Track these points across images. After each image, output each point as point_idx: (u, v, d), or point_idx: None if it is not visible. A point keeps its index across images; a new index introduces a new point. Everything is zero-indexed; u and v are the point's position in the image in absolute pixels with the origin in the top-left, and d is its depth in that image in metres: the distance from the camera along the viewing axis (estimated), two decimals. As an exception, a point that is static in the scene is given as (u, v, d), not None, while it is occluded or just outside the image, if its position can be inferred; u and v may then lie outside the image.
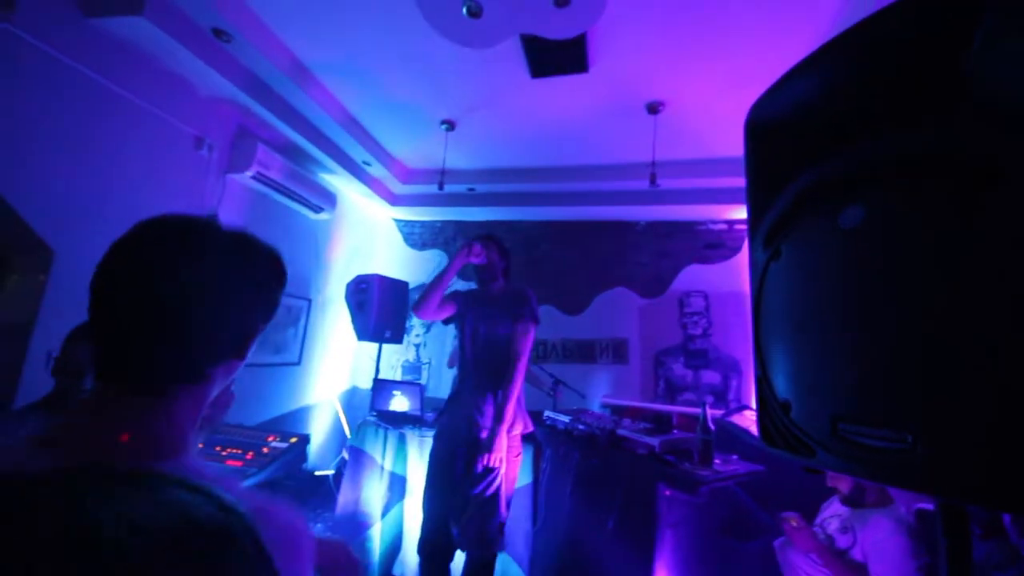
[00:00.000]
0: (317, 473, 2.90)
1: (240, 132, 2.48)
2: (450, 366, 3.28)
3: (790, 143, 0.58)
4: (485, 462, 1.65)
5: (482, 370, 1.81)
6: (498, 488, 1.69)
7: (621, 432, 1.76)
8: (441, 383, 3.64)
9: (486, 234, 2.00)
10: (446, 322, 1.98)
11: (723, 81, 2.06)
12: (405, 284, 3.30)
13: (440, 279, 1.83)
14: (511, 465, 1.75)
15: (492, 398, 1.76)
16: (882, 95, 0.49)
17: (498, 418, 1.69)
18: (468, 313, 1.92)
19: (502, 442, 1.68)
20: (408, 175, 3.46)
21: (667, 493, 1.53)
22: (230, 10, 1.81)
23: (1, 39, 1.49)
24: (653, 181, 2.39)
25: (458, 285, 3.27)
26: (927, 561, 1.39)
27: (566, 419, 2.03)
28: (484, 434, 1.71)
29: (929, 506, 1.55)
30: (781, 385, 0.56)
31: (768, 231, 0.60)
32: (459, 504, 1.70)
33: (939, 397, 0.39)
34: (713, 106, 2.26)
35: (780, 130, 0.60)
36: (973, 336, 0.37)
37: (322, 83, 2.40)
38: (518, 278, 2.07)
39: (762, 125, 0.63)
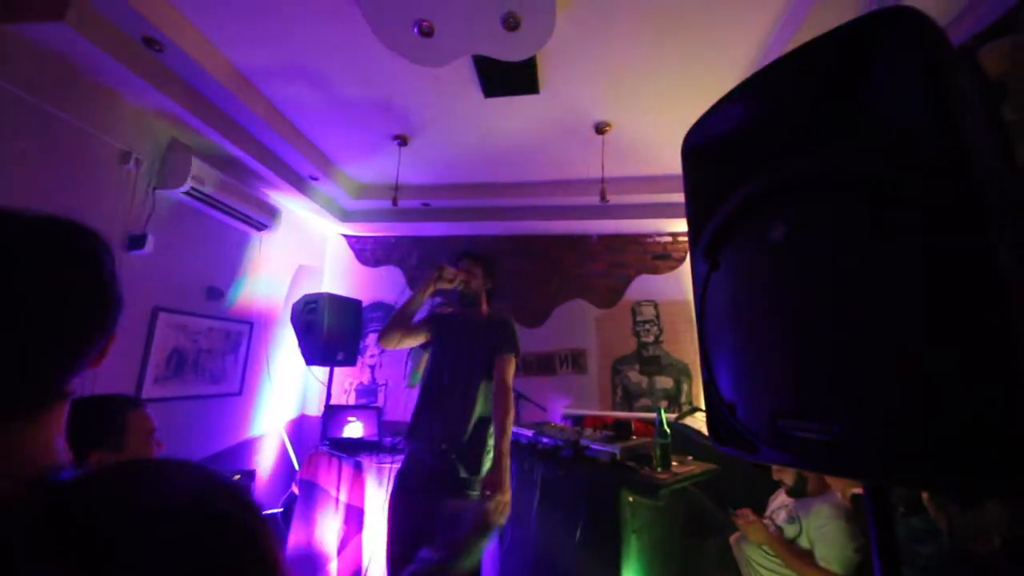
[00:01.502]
0: (264, 512, 2.69)
1: (173, 146, 2.32)
2: (410, 386, 3.15)
3: (721, 166, 0.63)
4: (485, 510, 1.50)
5: (454, 401, 1.65)
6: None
7: (584, 442, 1.79)
8: (400, 405, 3.52)
9: (471, 255, 1.83)
10: (423, 348, 1.82)
11: (664, 103, 2.22)
12: (358, 302, 3.19)
13: (405, 309, 1.69)
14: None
15: (463, 431, 1.61)
16: (797, 122, 0.55)
17: (499, 453, 1.52)
18: (443, 338, 1.76)
19: (506, 478, 1.51)
20: (359, 190, 3.38)
21: (630, 499, 1.57)
22: (163, 18, 1.71)
23: None
24: (603, 197, 2.50)
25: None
26: (864, 542, 1.52)
27: (529, 433, 2.03)
28: (461, 473, 1.56)
29: (861, 490, 1.70)
30: (727, 388, 0.60)
31: (707, 245, 0.65)
32: (428, 528, 1.54)
33: (855, 391, 0.44)
34: (655, 127, 2.41)
35: (711, 154, 0.65)
36: (878, 336, 0.42)
37: (264, 95, 2.31)
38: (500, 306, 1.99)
39: (696, 150, 0.68)
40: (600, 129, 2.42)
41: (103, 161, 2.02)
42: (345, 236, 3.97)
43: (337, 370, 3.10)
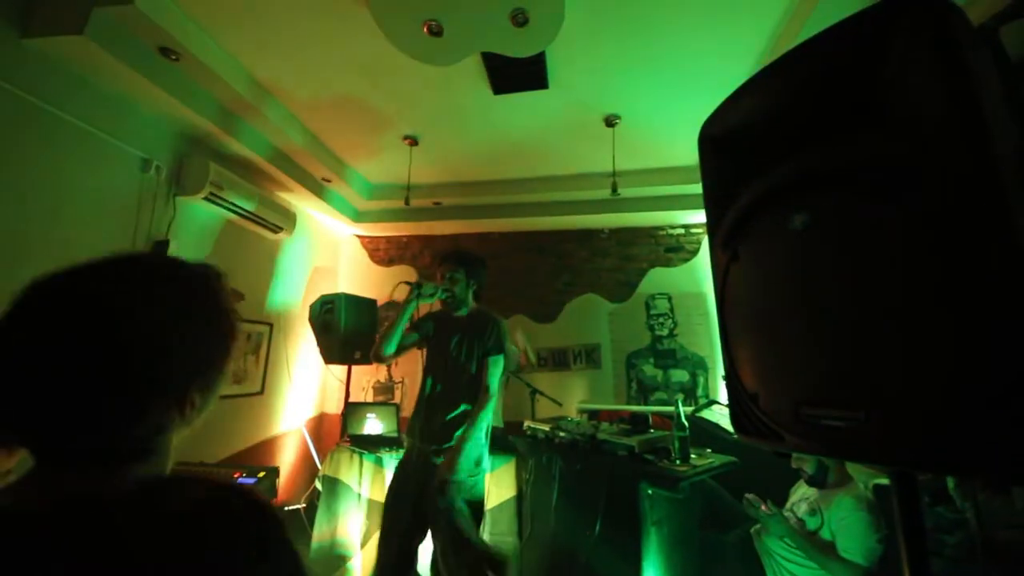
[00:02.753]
0: (288, 508, 2.75)
1: (191, 152, 2.38)
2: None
3: (740, 156, 0.63)
4: (439, 482, 1.60)
5: (445, 401, 1.73)
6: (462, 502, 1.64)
7: (601, 436, 1.79)
8: (416, 401, 3.57)
9: (453, 259, 1.83)
10: (418, 347, 1.90)
11: (673, 95, 2.19)
12: (373, 302, 3.23)
13: (391, 329, 1.73)
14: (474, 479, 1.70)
15: (451, 433, 1.69)
16: (816, 112, 0.55)
17: (459, 448, 1.62)
18: (434, 339, 1.84)
19: (456, 463, 1.60)
20: (371, 191, 3.42)
21: (649, 492, 1.57)
22: (178, 28, 1.75)
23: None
24: (614, 190, 2.49)
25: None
26: (887, 533, 1.50)
27: (546, 428, 2.05)
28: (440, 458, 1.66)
29: (886, 482, 1.68)
30: (749, 378, 0.61)
31: (726, 235, 0.65)
32: (419, 525, 1.67)
33: (881, 378, 0.44)
34: (664, 119, 2.39)
35: (731, 144, 0.65)
36: (903, 323, 0.42)
37: (277, 99, 2.35)
38: (490, 288, 2.04)
39: (714, 140, 0.68)
40: (610, 122, 2.41)
41: (125, 169, 2.08)
42: (358, 236, 4.02)
43: (355, 368, 3.16)
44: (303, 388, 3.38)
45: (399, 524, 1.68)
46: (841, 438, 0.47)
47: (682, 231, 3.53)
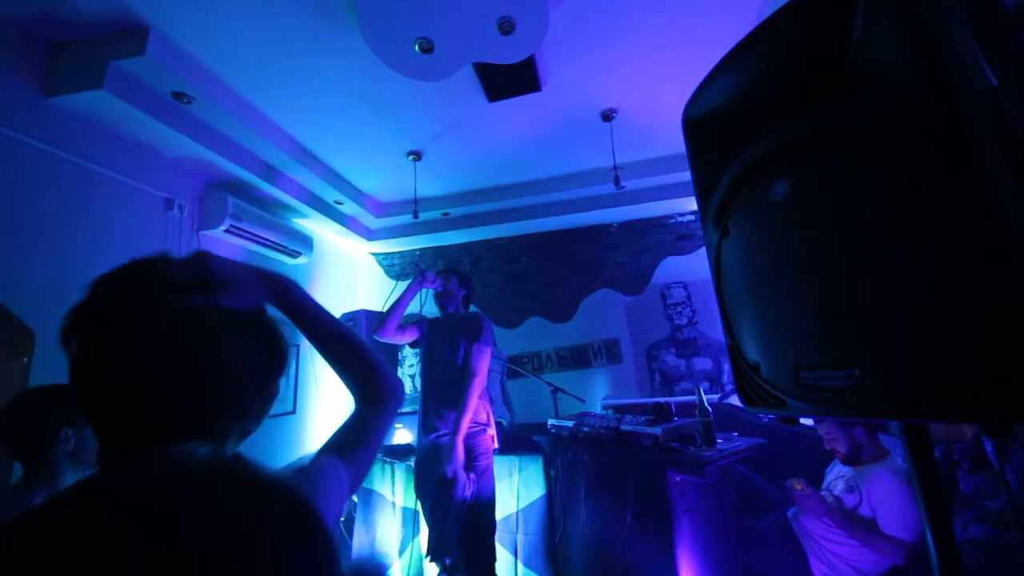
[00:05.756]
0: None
1: (209, 188, 2.50)
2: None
3: (722, 132, 0.65)
4: (448, 473, 1.76)
5: (438, 394, 1.92)
6: (471, 494, 1.78)
7: (625, 427, 1.80)
8: (441, 410, 3.62)
9: (447, 268, 2.22)
10: (412, 346, 2.12)
11: (667, 83, 2.20)
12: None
13: (397, 305, 1.99)
14: (484, 466, 1.86)
15: (451, 416, 1.86)
16: (788, 83, 0.56)
17: (454, 430, 1.79)
18: (428, 340, 2.05)
19: (460, 452, 1.77)
20: (381, 208, 3.51)
21: (677, 479, 1.57)
22: (187, 72, 1.86)
23: (-39, 129, 1.50)
24: (618, 183, 2.50)
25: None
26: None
27: (569, 424, 2.06)
28: (445, 440, 1.83)
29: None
30: (750, 350, 0.62)
31: (715, 213, 0.66)
32: (440, 517, 1.81)
33: (872, 334, 0.45)
34: (660, 107, 2.39)
35: (711, 123, 0.67)
36: (889, 278, 0.44)
37: (285, 130, 2.46)
38: (505, 293, 2.16)
39: (695, 123, 0.70)
40: (606, 116, 2.42)
41: (150, 210, 2.20)
42: (373, 254, 4.13)
43: (379, 382, 3.23)
44: (333, 404, 3.47)
45: (434, 515, 1.85)
46: (841, 397, 0.48)
47: (692, 217, 3.49)
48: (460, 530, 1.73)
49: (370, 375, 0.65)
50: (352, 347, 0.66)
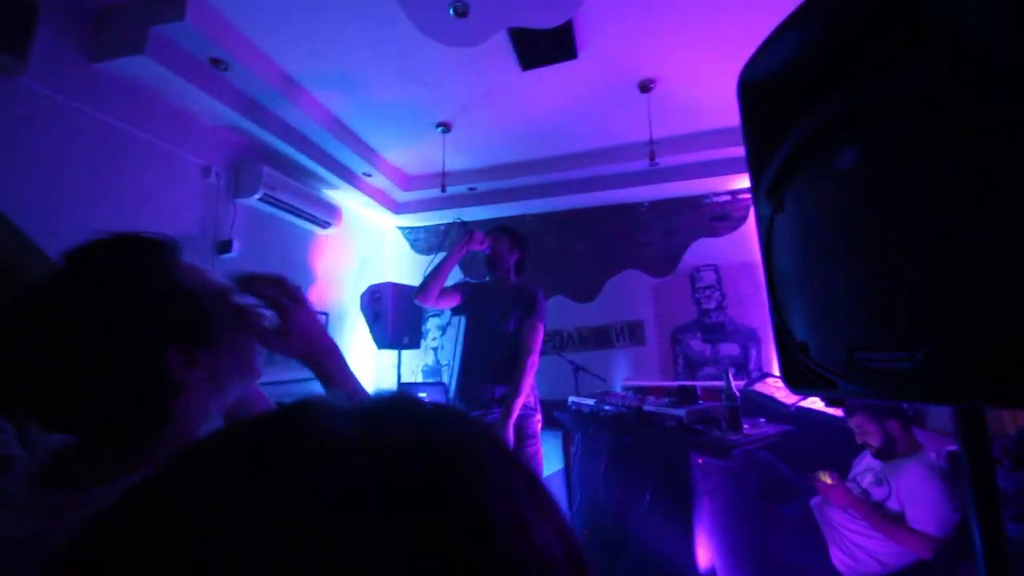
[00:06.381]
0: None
1: (245, 157, 2.55)
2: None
3: (781, 98, 0.60)
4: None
5: (485, 365, 1.81)
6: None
7: (648, 408, 1.79)
8: (463, 382, 3.70)
9: (499, 226, 1.98)
10: (454, 312, 1.97)
11: (710, 52, 2.07)
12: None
13: (441, 266, 1.84)
14: (532, 452, 1.77)
15: (497, 387, 1.77)
16: (860, 43, 0.51)
17: (506, 411, 1.67)
18: (473, 306, 1.91)
19: (511, 435, 1.67)
20: (409, 182, 3.51)
21: (699, 461, 1.56)
22: (224, 38, 1.87)
23: (17, 93, 1.57)
24: (652, 159, 2.41)
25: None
26: (963, 503, 1.40)
27: (591, 402, 2.07)
28: (493, 417, 1.72)
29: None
30: (799, 329, 0.59)
31: (770, 185, 0.63)
32: None
33: (941, 314, 0.42)
34: (703, 78, 2.26)
35: (771, 86, 0.62)
36: (963, 255, 0.40)
37: (318, 100, 2.46)
38: (529, 270, 2.09)
39: (754, 84, 0.65)
40: (644, 87, 2.31)
41: (188, 177, 2.27)
42: (400, 228, 4.16)
43: (404, 353, 3.31)
44: (359, 372, 3.59)
45: None
46: (898, 380, 0.46)
47: (728, 198, 3.35)
48: None
49: None
50: None
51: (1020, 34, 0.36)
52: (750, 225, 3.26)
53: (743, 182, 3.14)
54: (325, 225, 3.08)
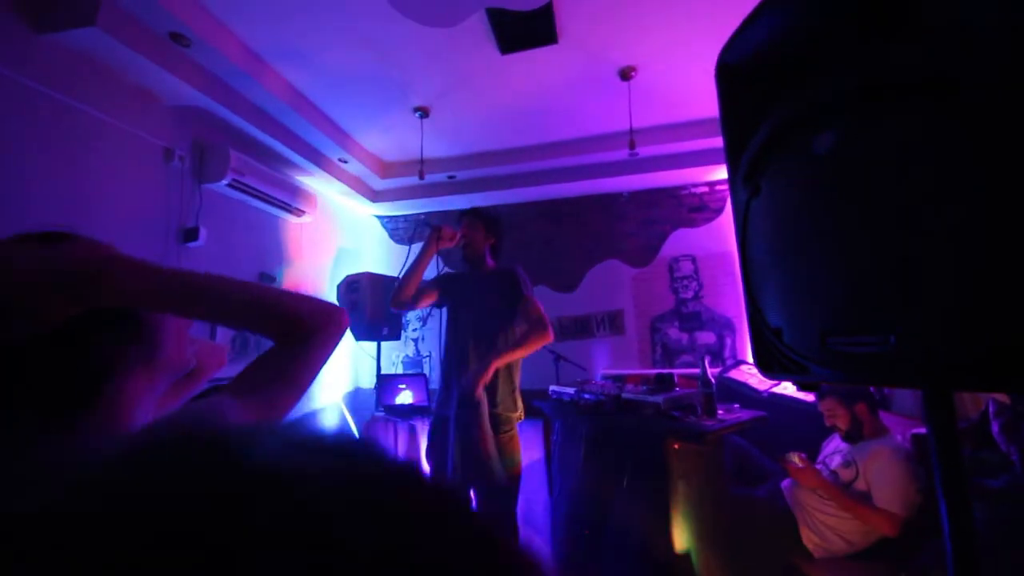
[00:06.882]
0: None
1: (211, 140, 2.43)
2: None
3: (760, 81, 0.59)
4: (470, 384, 1.59)
5: (470, 358, 1.71)
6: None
7: (626, 396, 1.80)
8: (444, 373, 3.67)
9: (471, 210, 1.87)
10: (435, 306, 1.89)
11: (691, 39, 2.06)
12: (396, 280, 3.30)
13: (411, 273, 1.75)
14: (507, 445, 1.69)
15: (490, 385, 1.67)
16: (841, 25, 0.50)
17: (504, 351, 1.61)
18: (453, 298, 1.83)
19: (487, 377, 1.60)
20: (386, 169, 3.42)
21: (675, 447, 1.58)
22: (185, 12, 1.75)
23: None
24: (632, 147, 2.40)
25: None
26: (928, 483, 1.47)
27: (571, 390, 2.07)
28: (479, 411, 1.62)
29: (923, 430, 1.63)
30: (772, 314, 0.59)
31: (747, 170, 0.62)
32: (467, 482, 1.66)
33: (912, 299, 0.41)
34: (684, 66, 2.26)
35: (749, 69, 0.61)
36: (937, 242, 0.40)
37: (289, 81, 2.35)
38: (508, 257, 2.04)
39: (732, 67, 0.64)
40: (625, 75, 2.30)
41: (149, 160, 2.15)
42: (378, 217, 4.07)
43: (384, 344, 3.26)
44: (337, 364, 3.53)
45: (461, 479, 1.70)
46: (869, 364, 0.46)
47: (706, 189, 3.39)
48: (481, 502, 1.62)
49: (296, 322, 0.54)
50: (268, 311, 0.53)
51: (1007, 22, 0.36)
52: (727, 216, 3.31)
53: (721, 173, 3.17)
54: (299, 213, 2.97)
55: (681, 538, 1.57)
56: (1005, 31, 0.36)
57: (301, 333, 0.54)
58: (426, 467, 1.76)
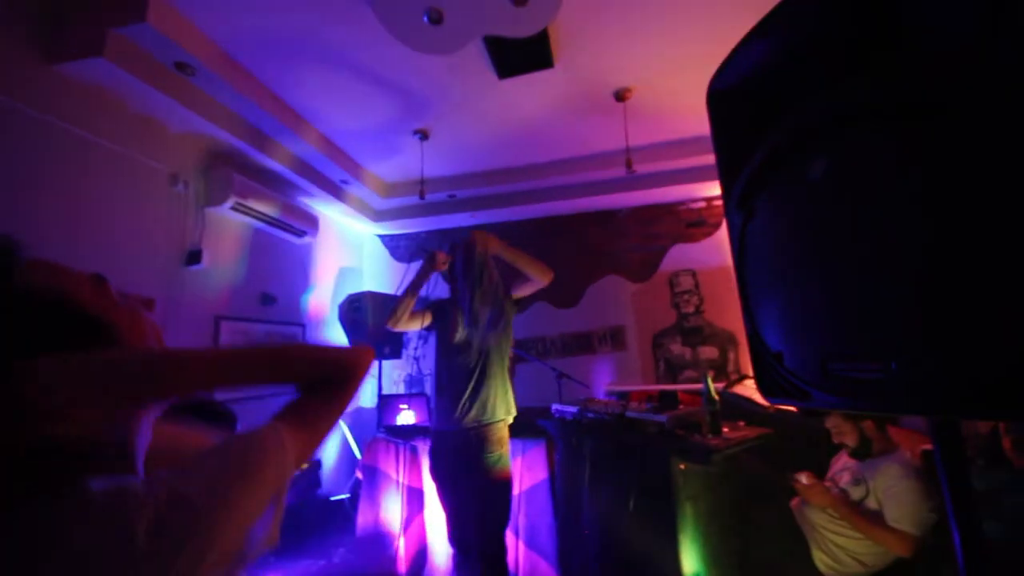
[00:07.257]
0: (333, 498, 2.87)
1: (214, 164, 2.46)
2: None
3: (751, 107, 0.60)
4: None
5: (471, 379, 1.78)
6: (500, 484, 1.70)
7: (630, 414, 1.78)
8: (445, 392, 3.64)
9: (460, 241, 1.98)
10: (427, 330, 1.99)
11: (685, 62, 2.11)
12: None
13: (407, 294, 1.88)
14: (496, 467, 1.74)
15: (484, 408, 1.76)
16: (831, 51, 0.51)
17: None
18: (446, 322, 1.93)
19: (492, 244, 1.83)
20: (387, 189, 3.46)
21: (681, 467, 1.56)
22: (190, 42, 1.80)
23: (-39, 97, 1.47)
24: (629, 167, 2.43)
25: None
26: (940, 500, 1.44)
27: (574, 409, 2.05)
28: (486, 449, 1.71)
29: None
30: (772, 338, 0.59)
31: (741, 194, 0.63)
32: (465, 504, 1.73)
33: (913, 325, 0.41)
34: (678, 87, 2.30)
35: (740, 96, 0.63)
36: (939, 265, 0.40)
37: (290, 106, 2.40)
38: (507, 278, 2.07)
39: (722, 95, 0.66)
40: (621, 96, 2.34)
41: (155, 185, 2.18)
42: (380, 236, 4.10)
43: (386, 363, 3.24)
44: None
45: (450, 510, 1.78)
46: (870, 390, 0.45)
47: (704, 204, 3.41)
48: (477, 519, 1.68)
49: (345, 371, 0.62)
50: (330, 375, 0.61)
51: (991, 36, 0.37)
52: (725, 230, 3.33)
53: (717, 189, 3.19)
54: (301, 234, 3.00)
55: (690, 562, 1.53)
56: (990, 56, 0.37)
57: (346, 380, 0.63)
58: (432, 484, 1.84)
